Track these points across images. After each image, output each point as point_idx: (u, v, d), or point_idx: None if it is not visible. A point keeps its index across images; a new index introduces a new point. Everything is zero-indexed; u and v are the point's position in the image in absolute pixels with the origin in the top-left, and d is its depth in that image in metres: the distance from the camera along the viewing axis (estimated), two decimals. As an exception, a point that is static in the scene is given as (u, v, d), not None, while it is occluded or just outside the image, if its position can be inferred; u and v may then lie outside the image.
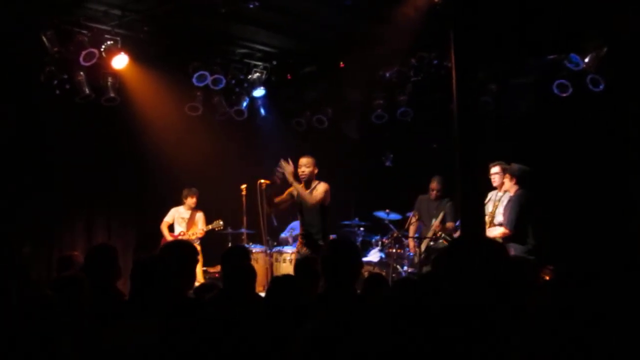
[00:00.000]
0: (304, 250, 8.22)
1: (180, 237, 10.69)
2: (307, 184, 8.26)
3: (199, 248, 10.66)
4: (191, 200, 11.20)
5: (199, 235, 11.02)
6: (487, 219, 8.21)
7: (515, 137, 10.07)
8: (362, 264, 8.33)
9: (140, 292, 3.95)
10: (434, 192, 10.04)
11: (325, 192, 8.20)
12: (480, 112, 8.18)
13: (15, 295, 3.80)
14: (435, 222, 9.63)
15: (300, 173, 8.24)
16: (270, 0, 8.65)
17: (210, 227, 11.04)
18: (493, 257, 2.85)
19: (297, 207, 8.44)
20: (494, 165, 8.58)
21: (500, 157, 8.64)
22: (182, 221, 11.19)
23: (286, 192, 8.41)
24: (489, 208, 8.44)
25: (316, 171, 8.33)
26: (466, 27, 7.04)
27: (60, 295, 3.70)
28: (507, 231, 8.09)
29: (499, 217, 8.38)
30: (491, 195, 8.61)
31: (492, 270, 2.79)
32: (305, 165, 8.25)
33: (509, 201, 8.28)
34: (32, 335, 3.14)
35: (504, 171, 8.51)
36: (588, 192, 9.59)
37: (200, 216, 11.30)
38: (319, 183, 8.29)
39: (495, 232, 8.19)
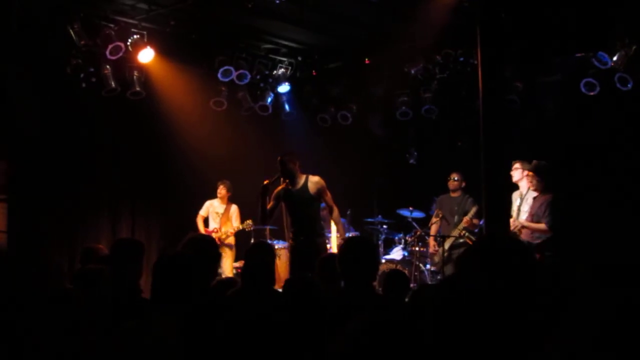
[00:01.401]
0: (303, 246, 8.04)
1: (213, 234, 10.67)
2: (293, 181, 8.10)
3: (232, 242, 10.73)
4: (219, 191, 11.10)
5: (230, 235, 10.91)
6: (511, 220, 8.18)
7: (542, 136, 10.01)
8: (380, 262, 8.25)
9: (162, 287, 3.95)
10: (455, 182, 10.00)
11: (325, 186, 8.10)
12: (506, 110, 8.13)
13: (39, 290, 3.82)
14: (466, 218, 9.60)
15: (280, 171, 8.08)
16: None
17: (241, 227, 10.92)
18: (522, 256, 2.82)
19: (287, 206, 8.27)
20: (515, 162, 8.57)
21: (526, 155, 8.58)
22: (217, 216, 11.10)
23: (273, 196, 8.28)
24: (512, 208, 8.41)
25: (297, 165, 8.09)
26: (493, 25, 6.99)
27: (81, 288, 3.73)
28: (547, 229, 8.06)
29: (524, 216, 8.35)
30: (514, 195, 8.59)
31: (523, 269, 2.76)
32: (283, 164, 8.02)
33: (540, 202, 8.23)
34: (51, 328, 3.16)
35: (524, 168, 8.49)
36: (616, 192, 9.50)
37: (234, 210, 11.13)
38: (307, 177, 8.08)
39: (535, 226, 8.15)
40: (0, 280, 3.91)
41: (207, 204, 11.18)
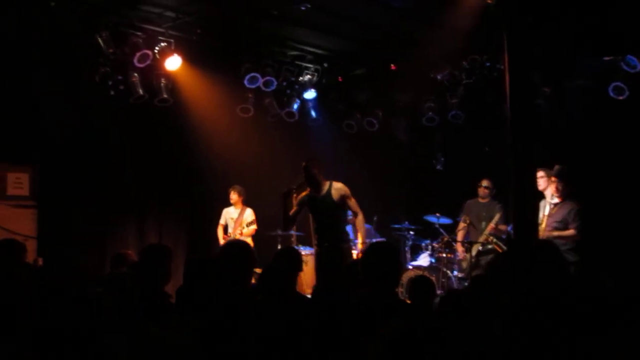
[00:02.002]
0: (328, 253, 8.03)
1: (228, 238, 10.69)
2: (317, 187, 8.11)
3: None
4: (231, 197, 11.07)
5: (239, 236, 10.72)
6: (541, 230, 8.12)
7: (569, 141, 9.92)
8: (403, 267, 8.10)
9: (189, 291, 3.98)
10: (486, 189, 9.95)
11: (348, 192, 8.09)
12: (533, 115, 8.08)
13: (69, 292, 3.86)
14: (491, 224, 9.55)
15: (306, 179, 8.09)
16: (321, 2, 8.66)
17: (244, 232, 10.86)
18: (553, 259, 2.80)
19: (311, 212, 8.26)
20: (538, 170, 8.50)
21: (554, 160, 8.52)
22: (232, 221, 11.12)
23: (297, 202, 8.27)
24: (540, 217, 8.34)
25: (321, 171, 8.09)
26: (520, 29, 6.95)
27: (109, 292, 3.76)
28: (576, 234, 8.03)
29: (551, 222, 8.30)
30: (541, 204, 8.51)
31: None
32: (308, 170, 8.03)
33: (568, 209, 8.19)
34: (80, 330, 3.19)
35: (548, 176, 8.43)
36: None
37: (248, 214, 11.09)
38: (331, 184, 8.08)
39: (564, 233, 8.10)
40: (31, 284, 3.95)
41: (224, 211, 11.19)
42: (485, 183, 10.01)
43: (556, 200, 8.30)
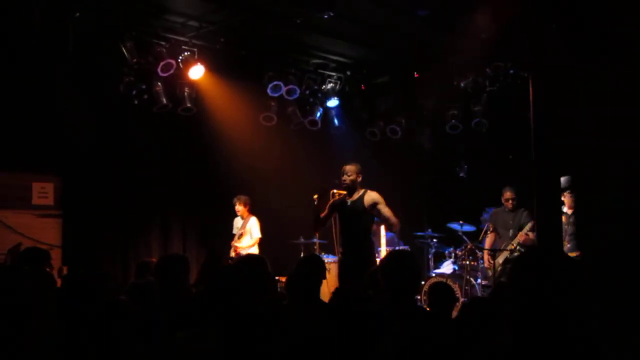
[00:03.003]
0: (351, 260, 7.98)
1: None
2: (351, 192, 8.04)
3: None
4: (236, 209, 10.86)
5: (240, 249, 10.61)
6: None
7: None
8: (422, 275, 8.01)
9: (210, 299, 3.98)
10: (510, 201, 9.84)
11: (380, 200, 8.01)
12: (557, 122, 8.01)
13: (95, 301, 3.88)
14: (522, 233, 9.47)
15: (342, 180, 8.03)
16: (345, 11, 8.66)
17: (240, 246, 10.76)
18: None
19: (340, 217, 8.16)
20: None
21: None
22: (238, 231, 11.04)
23: (328, 205, 8.23)
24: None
25: (360, 179, 8.00)
26: (543, 36, 6.91)
27: (134, 300, 3.78)
28: None
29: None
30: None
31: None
32: (347, 173, 7.95)
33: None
34: (106, 337, 3.21)
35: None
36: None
37: (251, 223, 10.80)
38: (365, 191, 7.95)
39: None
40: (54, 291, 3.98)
41: (234, 221, 11.05)
42: (507, 195, 9.84)
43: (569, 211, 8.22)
